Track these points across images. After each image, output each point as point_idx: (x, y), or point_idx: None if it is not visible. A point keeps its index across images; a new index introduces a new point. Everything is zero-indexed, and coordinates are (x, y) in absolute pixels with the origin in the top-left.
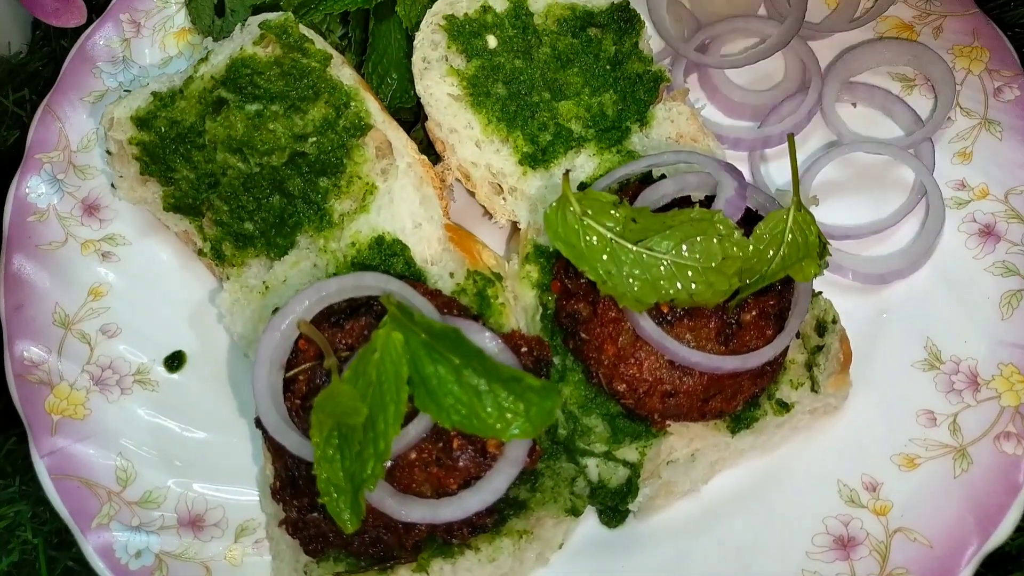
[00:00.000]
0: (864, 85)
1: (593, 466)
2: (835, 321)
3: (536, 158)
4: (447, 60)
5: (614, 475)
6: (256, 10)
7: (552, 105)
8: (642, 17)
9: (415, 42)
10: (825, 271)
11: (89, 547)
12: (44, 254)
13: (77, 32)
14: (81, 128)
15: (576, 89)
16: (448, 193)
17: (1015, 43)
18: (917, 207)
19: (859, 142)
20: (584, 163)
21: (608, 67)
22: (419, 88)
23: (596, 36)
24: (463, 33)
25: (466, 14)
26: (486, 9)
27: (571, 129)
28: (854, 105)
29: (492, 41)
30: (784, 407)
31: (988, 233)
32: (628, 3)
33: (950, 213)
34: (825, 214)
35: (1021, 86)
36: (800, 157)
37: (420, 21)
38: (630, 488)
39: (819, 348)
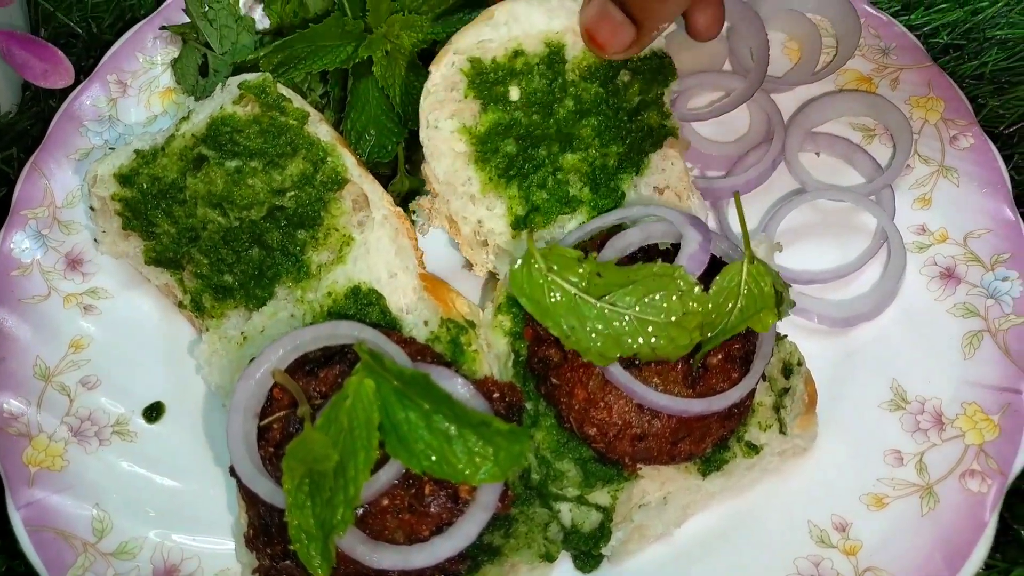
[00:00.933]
0: (826, 135)
1: (566, 510)
2: (800, 363)
3: (529, 221)
4: (456, 117)
5: (587, 519)
6: (238, 70)
7: (557, 158)
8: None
9: (428, 82)
10: (792, 314)
11: None
12: (27, 307)
13: (66, 92)
14: (66, 184)
15: (586, 142)
16: (425, 226)
17: (967, 93)
18: (880, 252)
19: (822, 190)
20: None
21: (625, 118)
22: (423, 136)
23: (623, 84)
24: (486, 82)
25: (495, 59)
26: (518, 54)
27: (568, 189)
28: (817, 154)
29: (515, 93)
30: (753, 449)
31: (949, 276)
32: (665, 52)
33: (911, 257)
34: (790, 260)
35: (975, 134)
36: (765, 205)
37: (400, 82)
38: (603, 532)
39: (785, 391)
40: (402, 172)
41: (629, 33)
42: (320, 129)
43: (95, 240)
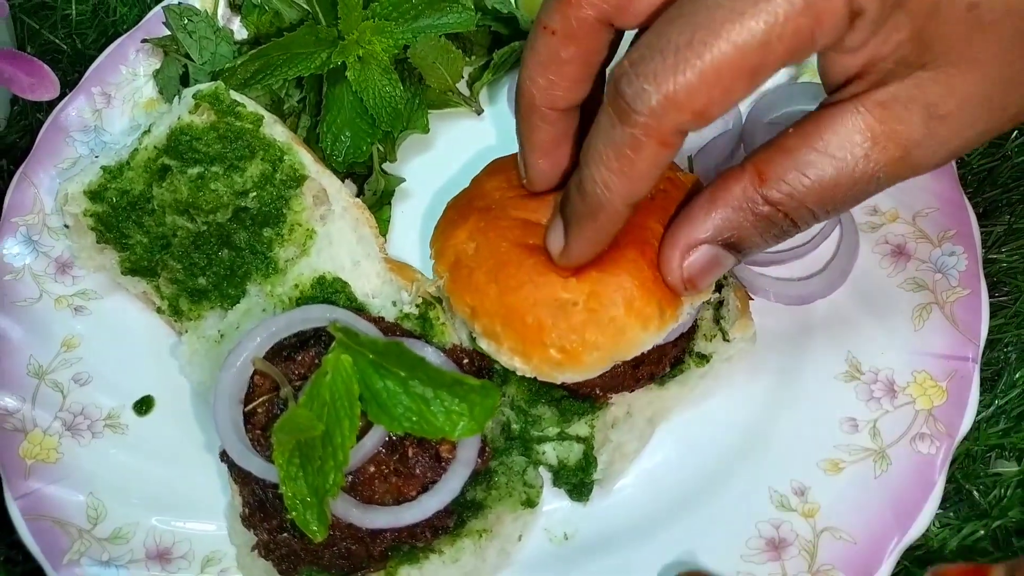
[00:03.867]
0: (781, 125)
1: (551, 450)
2: (727, 278)
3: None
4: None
5: (571, 453)
6: (213, 78)
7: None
8: None
9: None
10: (751, 294)
11: None
12: (20, 310)
13: (52, 105)
14: (55, 192)
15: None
16: None
17: None
18: (833, 232)
19: None
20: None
21: None
22: None
23: None
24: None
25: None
26: None
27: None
28: None
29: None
30: (704, 358)
31: (899, 253)
32: None
33: (864, 236)
34: None
35: None
36: None
37: (373, 86)
38: (588, 460)
39: (720, 303)
40: (377, 171)
41: (732, 263)
42: (275, 130)
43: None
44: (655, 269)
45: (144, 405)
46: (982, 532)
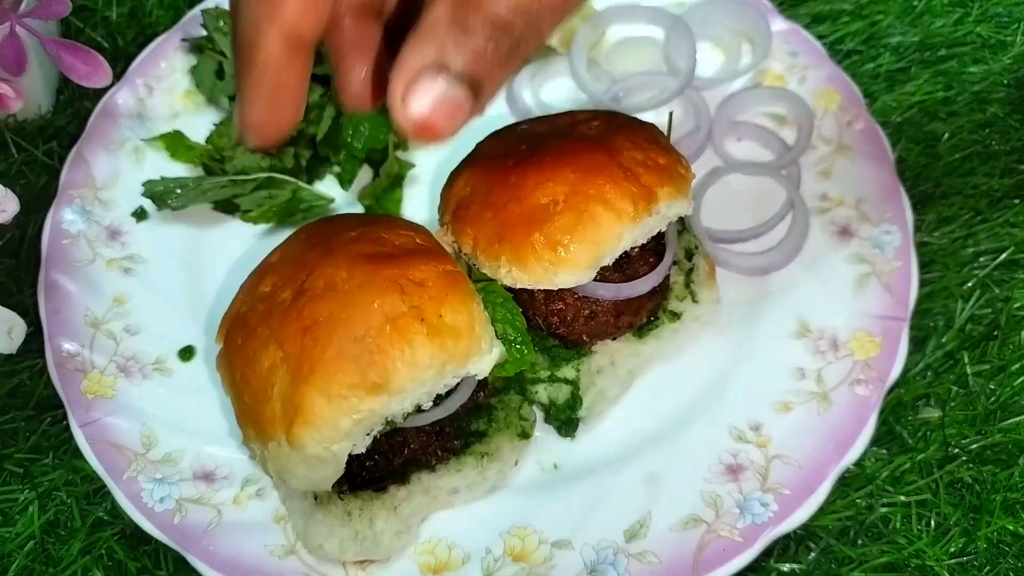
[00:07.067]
0: (745, 123)
1: (543, 390)
2: (697, 248)
3: None
4: None
5: (560, 393)
6: None
7: None
8: None
9: None
10: (717, 265)
11: (121, 495)
12: (76, 269)
13: (99, 94)
14: (104, 170)
15: None
16: None
17: (865, 90)
18: (788, 215)
19: (741, 166)
20: None
21: None
22: None
23: None
24: None
25: None
26: None
27: None
28: (738, 139)
29: None
30: (676, 316)
31: (844, 232)
32: None
33: (814, 218)
34: (715, 222)
35: (865, 119)
36: (695, 181)
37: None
38: (575, 400)
39: (691, 269)
40: (392, 157)
41: (470, 104)
42: None
43: (133, 215)
44: (626, 171)
45: (187, 353)
46: (908, 465)
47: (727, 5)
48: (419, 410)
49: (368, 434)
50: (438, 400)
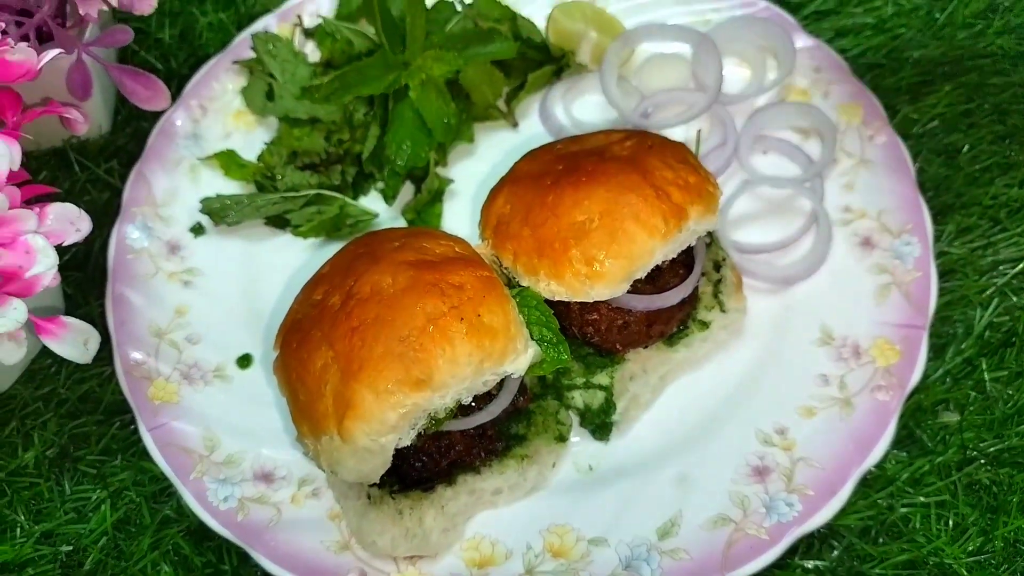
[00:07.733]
0: (771, 137)
1: (578, 396)
2: (725, 259)
3: None
4: None
5: (595, 398)
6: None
7: None
8: None
9: None
10: (744, 277)
11: (189, 495)
12: (140, 282)
13: (156, 115)
14: (163, 188)
15: None
16: None
17: (887, 103)
18: (812, 227)
19: (766, 179)
20: None
21: None
22: None
23: None
24: None
25: None
26: None
27: None
28: (764, 153)
29: None
30: (704, 324)
31: (866, 243)
32: None
33: (837, 230)
34: (742, 235)
35: (887, 133)
36: (724, 194)
37: (431, 104)
38: (609, 405)
39: (719, 280)
40: (432, 173)
41: None
42: None
43: (191, 230)
44: (657, 190)
45: (245, 361)
46: (928, 467)
47: (752, 22)
48: (464, 413)
49: (413, 428)
50: (482, 405)
